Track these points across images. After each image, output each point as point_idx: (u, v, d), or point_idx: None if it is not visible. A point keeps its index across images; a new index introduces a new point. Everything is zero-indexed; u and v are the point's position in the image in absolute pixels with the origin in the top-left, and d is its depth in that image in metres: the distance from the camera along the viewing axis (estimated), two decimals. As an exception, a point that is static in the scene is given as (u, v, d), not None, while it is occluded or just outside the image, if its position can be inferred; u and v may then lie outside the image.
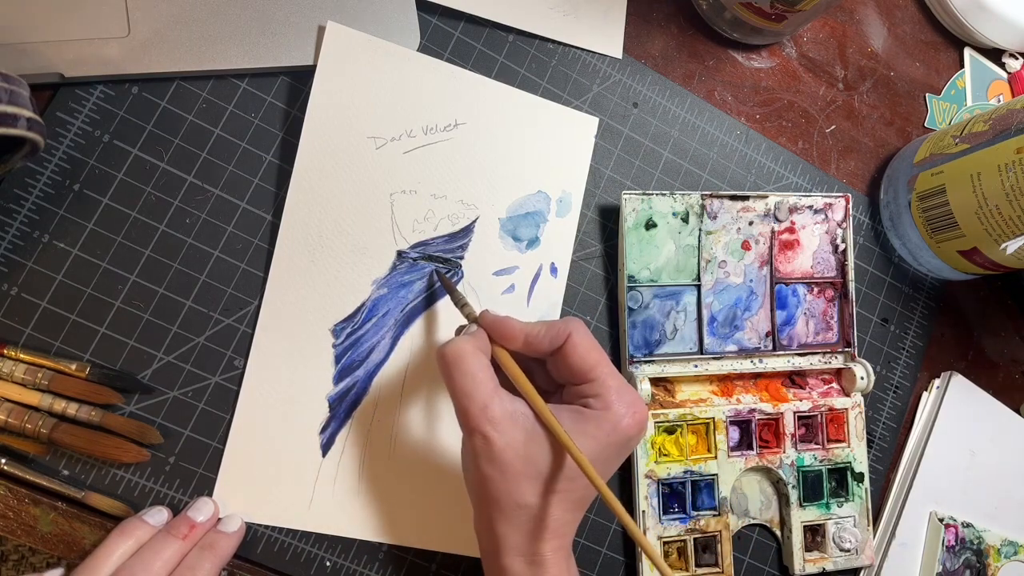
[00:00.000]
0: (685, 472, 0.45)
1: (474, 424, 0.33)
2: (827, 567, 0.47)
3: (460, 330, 0.38)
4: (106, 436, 0.38)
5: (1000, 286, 0.56)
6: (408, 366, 0.42)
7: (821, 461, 0.47)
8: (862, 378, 0.47)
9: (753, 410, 0.46)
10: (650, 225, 0.45)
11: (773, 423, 0.47)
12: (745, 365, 0.47)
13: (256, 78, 0.43)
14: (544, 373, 0.39)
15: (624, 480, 0.45)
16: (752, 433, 0.46)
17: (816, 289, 0.49)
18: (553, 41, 0.47)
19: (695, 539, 0.45)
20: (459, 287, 0.44)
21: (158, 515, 0.37)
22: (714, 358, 0.46)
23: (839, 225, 0.49)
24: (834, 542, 0.47)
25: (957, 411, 0.52)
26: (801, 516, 0.46)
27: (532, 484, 0.33)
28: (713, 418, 0.45)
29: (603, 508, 0.45)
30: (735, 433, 0.46)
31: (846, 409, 0.48)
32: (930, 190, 0.48)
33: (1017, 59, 0.59)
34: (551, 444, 0.33)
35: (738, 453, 0.46)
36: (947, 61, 0.58)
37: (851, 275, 0.49)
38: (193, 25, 0.41)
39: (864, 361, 0.48)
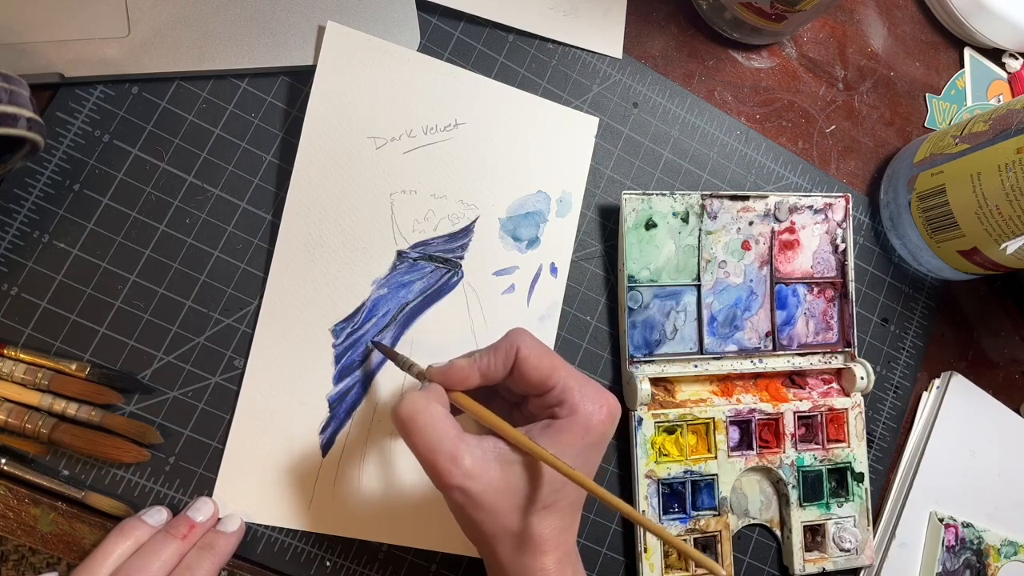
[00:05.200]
0: (685, 472, 0.45)
1: (447, 480, 0.32)
2: (827, 567, 0.47)
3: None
4: (106, 436, 0.38)
5: (1000, 286, 0.56)
6: (408, 366, 0.42)
7: (821, 461, 0.47)
8: (862, 378, 0.47)
9: (753, 410, 0.46)
10: (650, 225, 0.45)
11: (773, 423, 0.47)
12: (745, 365, 0.47)
13: (256, 78, 0.43)
14: (506, 387, 0.38)
15: (624, 480, 0.45)
16: (752, 433, 0.46)
17: (816, 289, 0.49)
18: (553, 41, 0.47)
19: (695, 539, 0.45)
20: (459, 287, 0.44)
21: (157, 515, 0.37)
22: (714, 358, 0.46)
23: (839, 225, 0.49)
24: (834, 542, 0.47)
25: (957, 411, 0.52)
26: (801, 516, 0.46)
27: (521, 510, 0.33)
28: (713, 418, 0.45)
29: (603, 509, 0.45)
30: (735, 433, 0.46)
31: (846, 409, 0.48)
32: (930, 190, 0.48)
33: (1017, 59, 0.59)
34: (527, 465, 0.33)
35: (738, 453, 0.46)
36: (947, 61, 0.58)
37: (851, 275, 0.49)
38: (193, 25, 0.41)
39: (864, 361, 0.48)
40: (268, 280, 0.41)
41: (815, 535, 0.47)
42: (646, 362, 0.45)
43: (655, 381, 0.46)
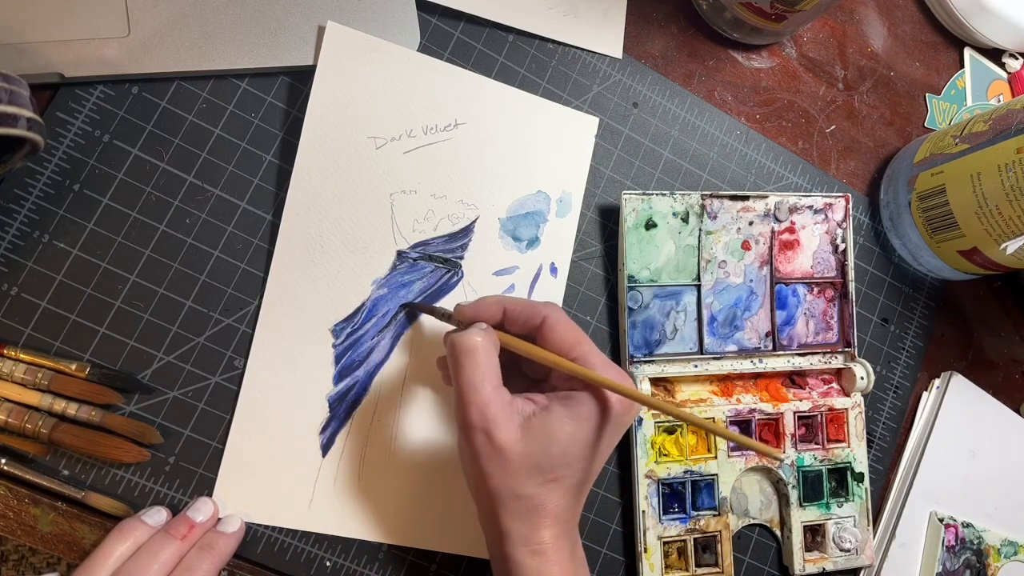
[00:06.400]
0: (685, 472, 0.45)
1: (475, 420, 0.33)
2: (827, 567, 0.47)
3: (447, 337, 0.38)
4: (106, 436, 0.38)
5: (1000, 286, 0.56)
6: (408, 366, 0.42)
7: (821, 461, 0.47)
8: (862, 378, 0.47)
9: (753, 410, 0.46)
10: (650, 225, 0.45)
11: (773, 423, 0.47)
12: (745, 365, 0.47)
13: (256, 78, 0.43)
14: (529, 363, 0.39)
15: (624, 480, 0.45)
16: (752, 433, 0.46)
17: (816, 289, 0.49)
18: (553, 41, 0.47)
19: (695, 539, 0.45)
20: (459, 287, 0.44)
21: (156, 515, 0.37)
22: (714, 358, 0.46)
23: (839, 225, 0.49)
24: (834, 542, 0.47)
25: (957, 411, 0.52)
26: (801, 516, 0.46)
27: (531, 476, 0.33)
28: (713, 418, 0.45)
29: (603, 508, 0.45)
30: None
31: (846, 409, 0.48)
32: (930, 190, 0.48)
33: (1017, 59, 0.59)
34: (544, 435, 0.33)
35: (738, 453, 0.46)
36: (947, 61, 0.58)
37: (851, 275, 0.49)
38: (193, 25, 0.41)
39: (864, 361, 0.48)
40: (268, 280, 0.41)
41: (815, 535, 0.47)
42: (646, 362, 0.45)
43: (655, 381, 0.46)
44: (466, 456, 0.34)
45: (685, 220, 0.46)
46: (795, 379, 0.49)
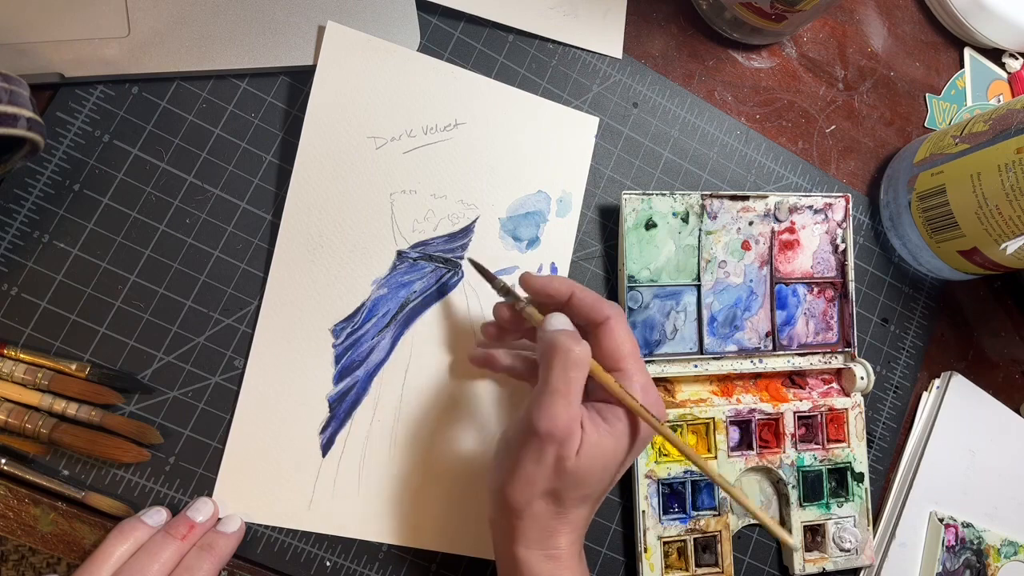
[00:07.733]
0: (685, 472, 0.45)
1: (558, 432, 0.32)
2: (827, 567, 0.47)
3: (546, 330, 0.36)
4: (106, 436, 0.38)
5: (1000, 286, 0.56)
6: (408, 366, 0.42)
7: (821, 461, 0.47)
8: (862, 378, 0.47)
9: (753, 410, 0.46)
10: (650, 225, 0.45)
11: (773, 423, 0.47)
12: (745, 365, 0.47)
13: (256, 78, 0.43)
14: None
15: (624, 480, 0.45)
16: (752, 433, 0.46)
17: (816, 289, 0.49)
18: (553, 41, 0.47)
19: (695, 539, 0.45)
20: (459, 287, 0.44)
21: (156, 516, 0.37)
22: (714, 358, 0.46)
23: (839, 225, 0.49)
24: (834, 542, 0.47)
25: (957, 411, 0.52)
26: (801, 516, 0.46)
27: (572, 490, 0.34)
28: (713, 418, 0.45)
29: (603, 508, 0.45)
30: (735, 433, 0.46)
31: (846, 409, 0.48)
32: (930, 190, 0.48)
33: (1017, 59, 0.59)
34: (593, 455, 0.33)
35: (738, 453, 0.46)
36: (947, 61, 0.58)
37: (851, 275, 0.49)
38: (193, 25, 0.41)
39: (864, 361, 0.48)
40: (268, 280, 0.41)
41: (815, 535, 0.47)
42: (646, 362, 0.45)
43: (655, 381, 0.46)
44: (513, 456, 0.34)
45: (685, 220, 0.46)
46: (795, 379, 0.49)
